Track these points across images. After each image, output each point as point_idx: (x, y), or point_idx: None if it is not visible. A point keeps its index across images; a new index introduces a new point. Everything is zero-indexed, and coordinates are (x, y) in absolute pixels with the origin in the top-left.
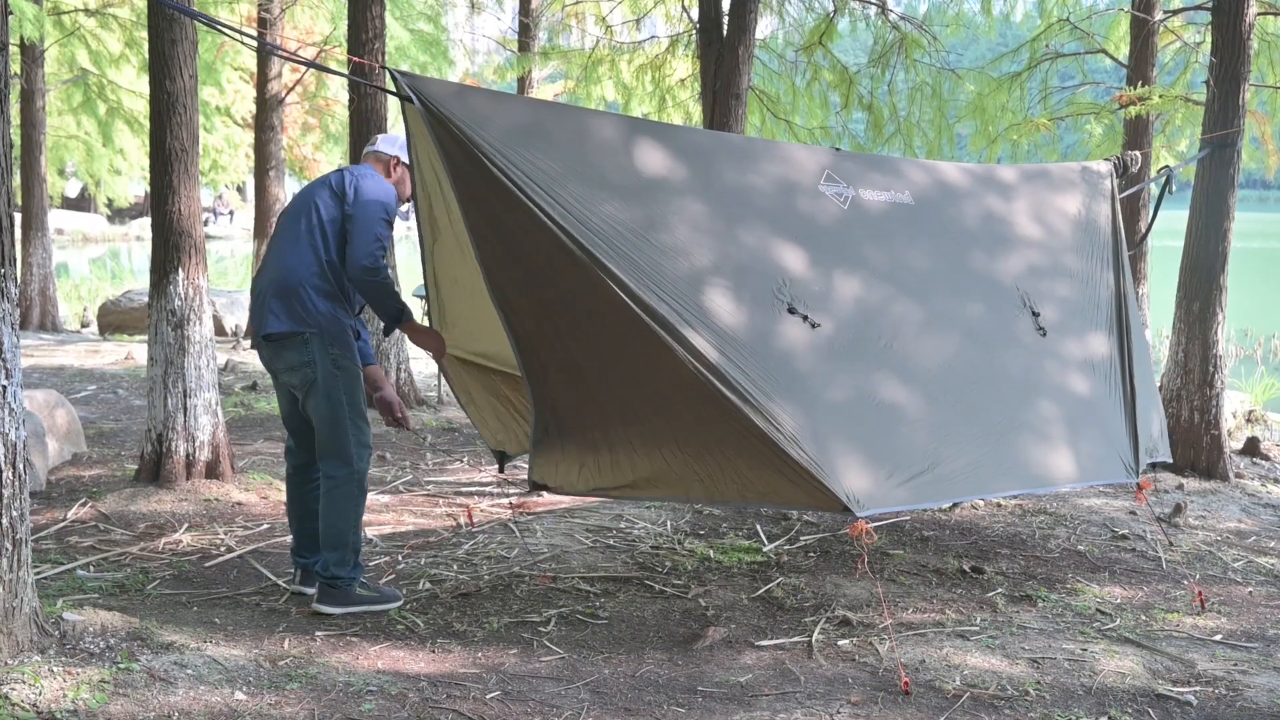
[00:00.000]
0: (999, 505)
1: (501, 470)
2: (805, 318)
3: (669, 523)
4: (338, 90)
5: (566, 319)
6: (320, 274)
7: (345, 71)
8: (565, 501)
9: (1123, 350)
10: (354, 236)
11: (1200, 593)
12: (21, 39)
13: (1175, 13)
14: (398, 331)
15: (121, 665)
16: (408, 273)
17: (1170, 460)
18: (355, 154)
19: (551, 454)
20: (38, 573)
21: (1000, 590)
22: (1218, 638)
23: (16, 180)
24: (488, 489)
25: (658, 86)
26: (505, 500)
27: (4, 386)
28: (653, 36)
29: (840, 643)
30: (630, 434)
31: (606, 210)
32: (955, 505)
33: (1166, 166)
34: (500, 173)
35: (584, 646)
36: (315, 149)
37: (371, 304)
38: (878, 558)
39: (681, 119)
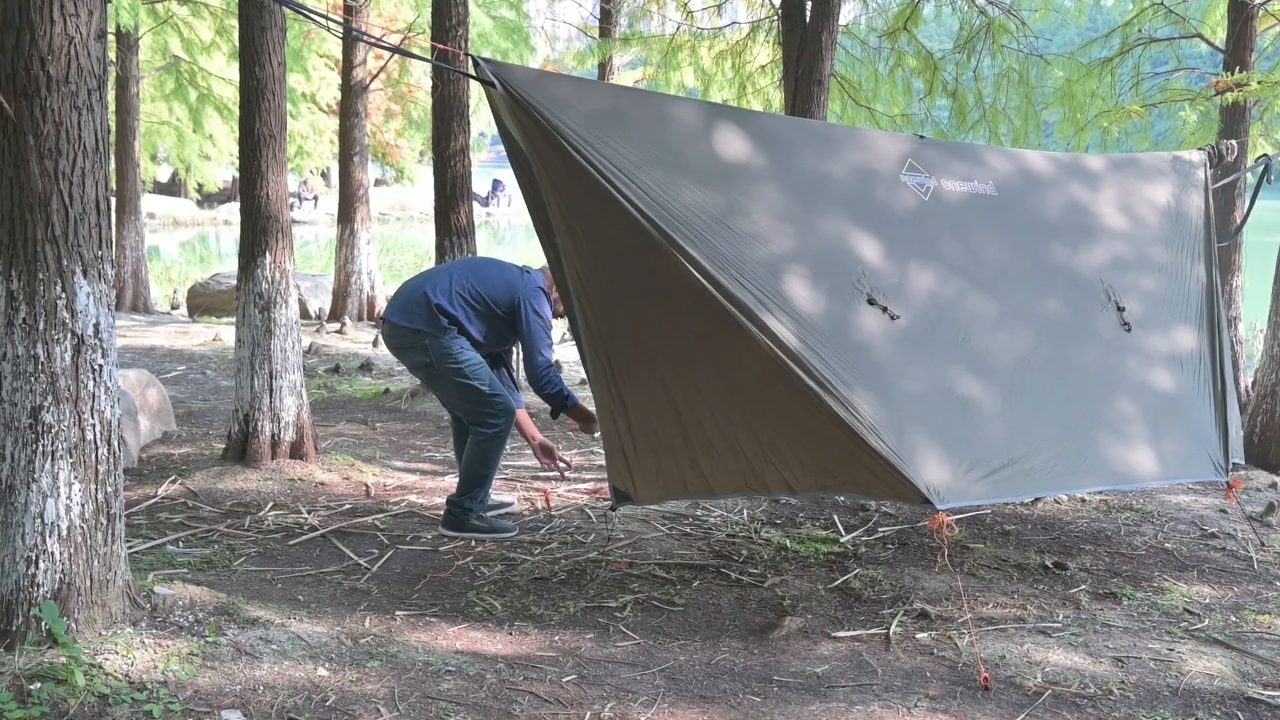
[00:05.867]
0: (1083, 501)
1: (614, 510)
2: (885, 309)
3: (745, 511)
4: (420, 77)
5: (644, 309)
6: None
7: (429, 58)
8: None
9: (1214, 346)
10: (528, 351)
11: None
12: (118, 27)
13: None
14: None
15: (209, 639)
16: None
17: (1243, 462)
18: (438, 139)
19: (628, 461)
20: (130, 547)
21: (1084, 587)
22: None
23: (111, 165)
24: (566, 475)
25: (738, 73)
26: (582, 486)
27: (101, 365)
28: (733, 22)
29: (918, 636)
30: (708, 431)
31: (687, 196)
32: (1037, 500)
33: (1265, 155)
34: (582, 158)
35: (659, 633)
36: (398, 135)
37: (543, 399)
38: (957, 551)
39: (761, 106)
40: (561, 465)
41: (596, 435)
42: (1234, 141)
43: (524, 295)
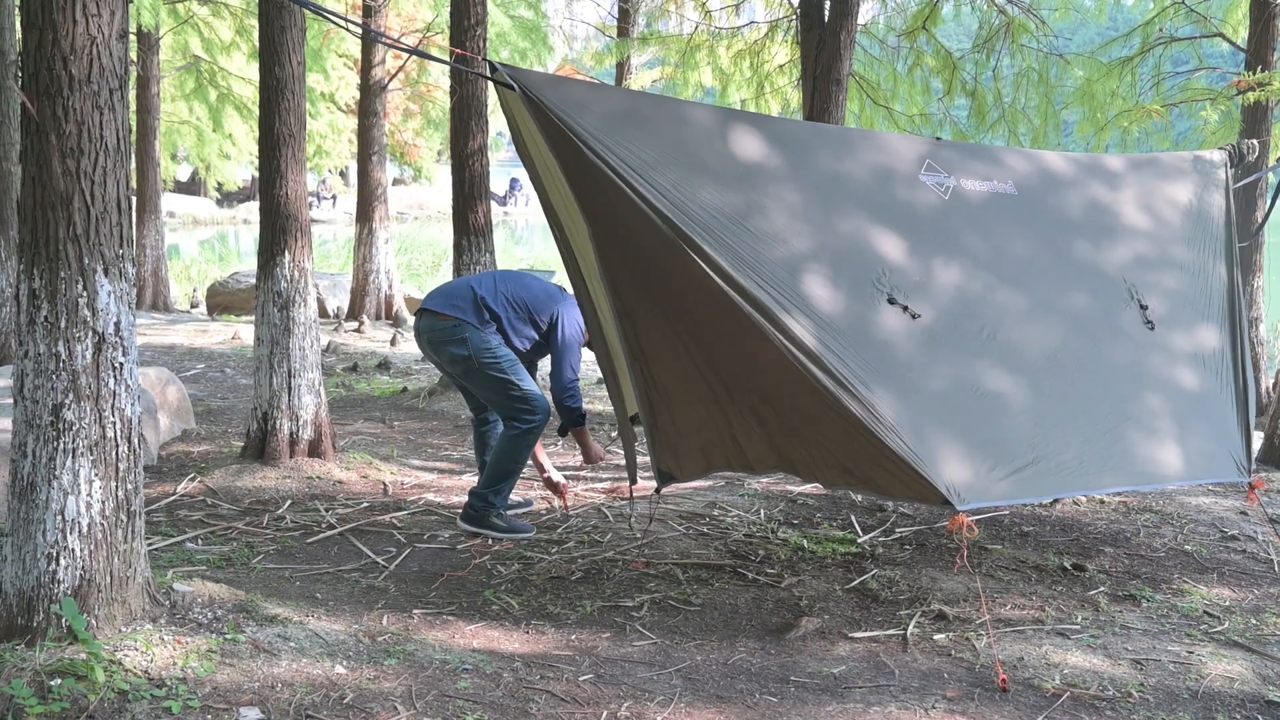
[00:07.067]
0: (1102, 502)
1: (659, 492)
2: (905, 308)
3: (762, 511)
4: (439, 76)
5: (669, 304)
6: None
7: (448, 60)
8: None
9: (1235, 345)
10: (557, 364)
11: None
12: (139, 27)
13: None
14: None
15: (228, 636)
16: (506, 257)
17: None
18: (456, 139)
19: (669, 441)
20: (149, 544)
21: (1102, 589)
22: None
23: (132, 164)
24: (582, 473)
25: (756, 72)
26: (599, 485)
27: (121, 363)
28: (752, 22)
29: (936, 637)
30: (744, 415)
31: (704, 197)
32: (1056, 501)
33: None
34: (599, 159)
35: (676, 632)
36: (416, 134)
37: (560, 410)
38: (975, 552)
39: (779, 105)
40: (566, 499)
41: (595, 467)
42: (1255, 141)
43: (563, 310)
